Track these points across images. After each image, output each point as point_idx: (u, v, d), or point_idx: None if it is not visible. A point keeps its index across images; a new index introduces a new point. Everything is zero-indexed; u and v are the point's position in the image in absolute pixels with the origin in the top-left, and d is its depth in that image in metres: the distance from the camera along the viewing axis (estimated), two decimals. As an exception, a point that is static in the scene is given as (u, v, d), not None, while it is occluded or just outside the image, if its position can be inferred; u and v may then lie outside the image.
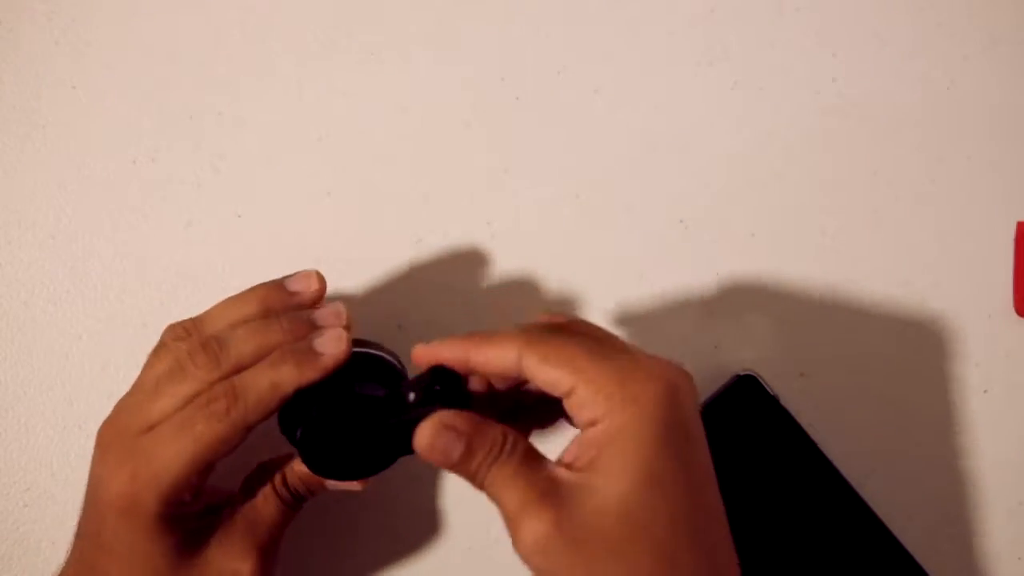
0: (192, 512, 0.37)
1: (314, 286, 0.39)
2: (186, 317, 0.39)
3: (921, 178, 0.49)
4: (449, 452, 0.32)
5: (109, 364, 0.46)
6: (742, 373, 0.46)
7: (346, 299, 0.48)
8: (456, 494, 0.46)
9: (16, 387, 0.46)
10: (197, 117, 0.49)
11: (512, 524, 0.30)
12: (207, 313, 0.39)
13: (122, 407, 0.37)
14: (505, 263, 0.48)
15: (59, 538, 0.44)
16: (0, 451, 0.45)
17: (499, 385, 0.37)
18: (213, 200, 0.48)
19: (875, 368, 0.48)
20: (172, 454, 0.34)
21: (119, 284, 0.47)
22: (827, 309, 0.48)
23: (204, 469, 0.35)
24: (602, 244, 0.49)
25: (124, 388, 0.46)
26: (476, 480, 0.32)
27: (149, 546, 0.34)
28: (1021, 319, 0.48)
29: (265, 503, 0.38)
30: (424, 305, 0.48)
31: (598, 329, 0.36)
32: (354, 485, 0.38)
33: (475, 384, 0.37)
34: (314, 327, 0.38)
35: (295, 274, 0.40)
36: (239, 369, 0.36)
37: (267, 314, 0.38)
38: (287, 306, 0.39)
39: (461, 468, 0.32)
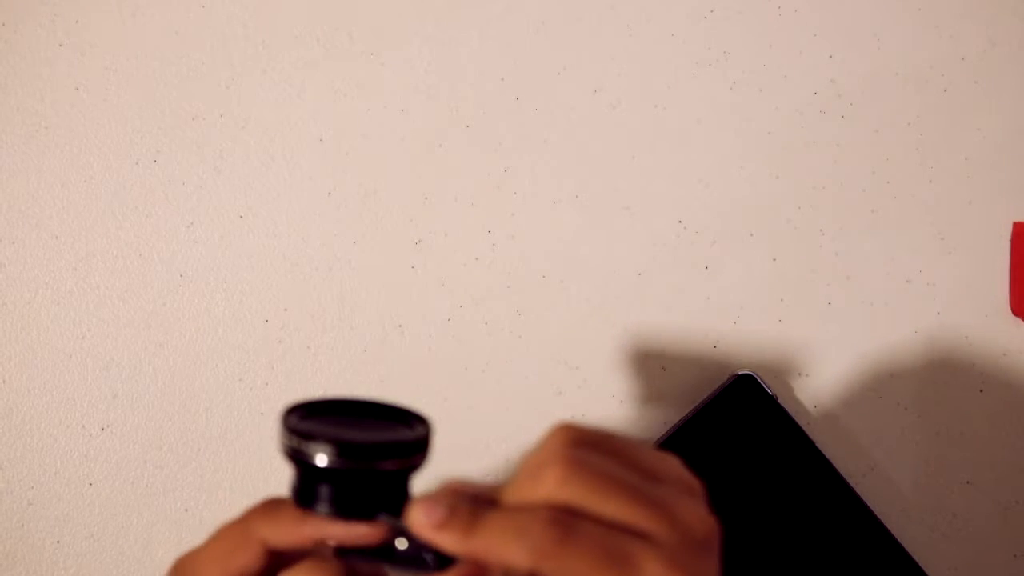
0: None
1: None
2: (187, 317, 0.39)
3: (919, 178, 0.50)
4: None
5: (112, 363, 0.47)
6: (741, 373, 0.46)
7: (347, 300, 0.48)
8: None
9: (20, 386, 0.46)
10: (199, 118, 0.49)
11: None
12: None
13: None
14: (505, 263, 0.48)
15: (63, 536, 0.45)
16: (4, 449, 0.45)
17: None
18: (215, 200, 0.48)
19: (873, 368, 0.48)
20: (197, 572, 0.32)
21: (122, 284, 0.47)
22: (825, 309, 0.48)
23: None
24: (602, 244, 0.49)
25: (126, 387, 0.47)
26: None
27: None
28: (1017, 319, 0.48)
29: None
30: (424, 305, 0.48)
31: (619, 448, 0.31)
32: None
33: None
34: None
35: None
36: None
37: None
38: None
39: None
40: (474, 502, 0.29)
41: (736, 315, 0.48)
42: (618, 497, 0.28)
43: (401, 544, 0.30)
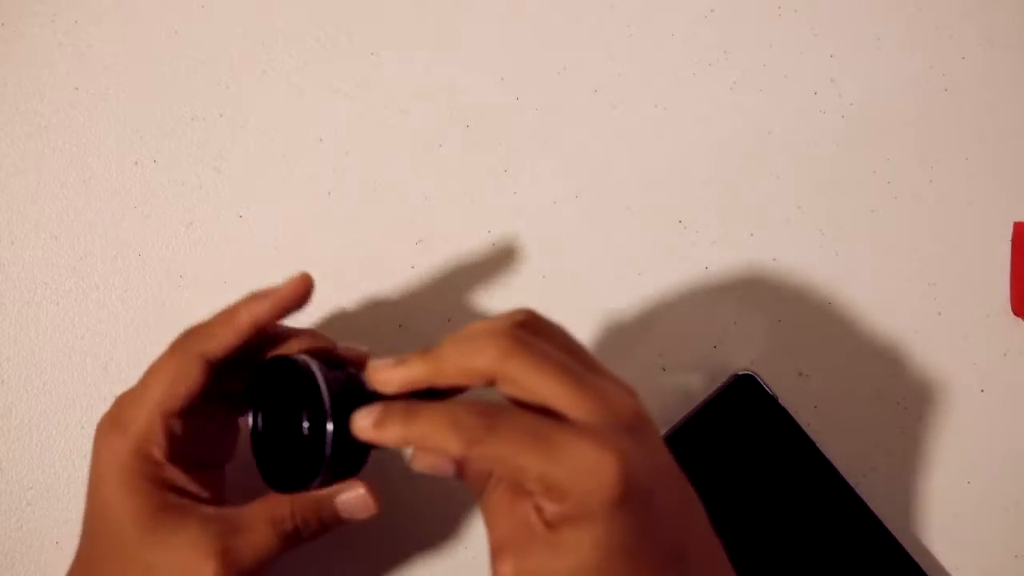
0: (172, 479, 0.36)
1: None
2: (187, 317, 0.39)
3: (919, 178, 0.50)
4: (443, 469, 0.32)
5: (111, 364, 0.46)
6: (741, 373, 0.46)
7: (346, 300, 0.48)
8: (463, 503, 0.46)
9: (19, 386, 0.46)
10: (199, 118, 0.49)
11: (491, 555, 0.32)
12: None
13: (120, 398, 0.38)
14: (505, 263, 0.48)
15: (62, 537, 0.45)
16: (3, 450, 0.45)
17: None
18: (214, 201, 0.48)
19: (873, 368, 0.48)
20: (136, 401, 0.35)
21: (121, 284, 0.47)
22: (825, 309, 0.48)
23: (170, 409, 0.35)
24: (602, 244, 0.49)
25: (126, 387, 0.46)
26: (473, 494, 0.33)
27: (123, 502, 0.35)
28: (1018, 319, 0.48)
29: (259, 531, 0.36)
30: (424, 305, 0.48)
31: (571, 339, 0.35)
32: (360, 500, 0.37)
33: None
34: None
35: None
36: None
37: None
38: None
39: (458, 480, 0.33)
40: (409, 400, 0.32)
41: (736, 315, 0.48)
42: (552, 376, 0.31)
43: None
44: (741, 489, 0.45)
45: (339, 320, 0.48)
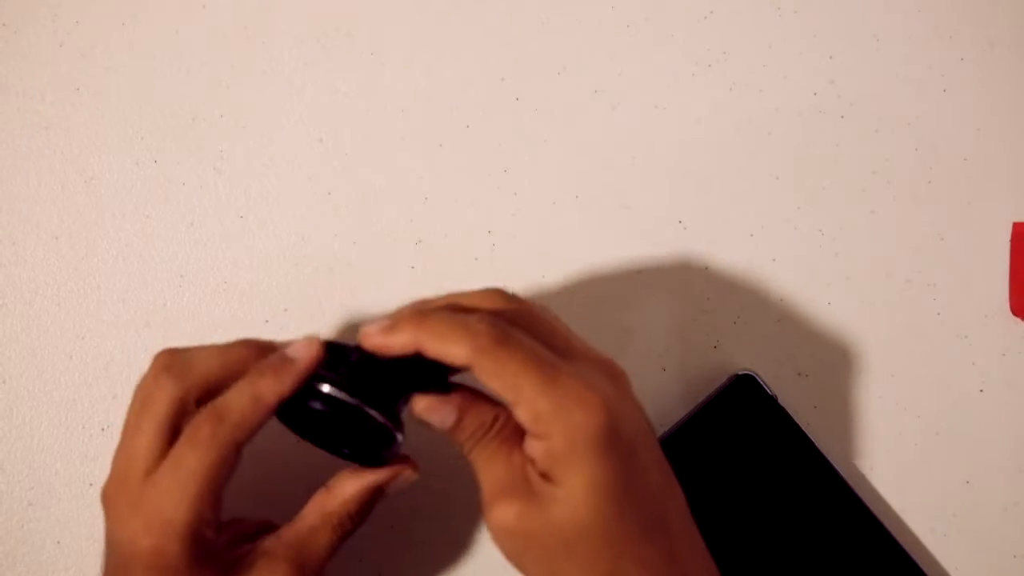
0: (222, 544, 0.36)
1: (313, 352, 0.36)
2: (188, 317, 0.39)
3: (918, 179, 0.50)
4: (443, 419, 0.34)
5: (112, 364, 0.47)
6: (741, 373, 0.46)
7: (346, 299, 0.48)
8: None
9: (20, 387, 0.46)
10: (199, 118, 0.49)
11: (485, 503, 0.33)
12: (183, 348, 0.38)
13: (115, 460, 0.37)
14: (505, 263, 0.48)
15: (63, 537, 0.45)
16: (4, 450, 0.45)
17: None
18: (215, 201, 0.48)
19: (873, 368, 0.48)
20: (177, 497, 0.34)
21: (122, 284, 0.47)
22: (825, 309, 0.48)
23: (213, 500, 0.34)
24: (601, 244, 0.49)
25: (126, 387, 0.46)
26: (464, 450, 0.35)
27: None
28: (1017, 319, 0.48)
29: (317, 533, 0.37)
30: (424, 305, 0.48)
31: (548, 323, 0.36)
32: (407, 474, 0.39)
33: None
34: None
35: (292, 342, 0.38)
36: (208, 386, 0.36)
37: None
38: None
39: (452, 436, 0.35)
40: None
41: (736, 315, 0.48)
42: (521, 373, 0.32)
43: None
44: (741, 489, 0.45)
45: (339, 320, 0.48)
